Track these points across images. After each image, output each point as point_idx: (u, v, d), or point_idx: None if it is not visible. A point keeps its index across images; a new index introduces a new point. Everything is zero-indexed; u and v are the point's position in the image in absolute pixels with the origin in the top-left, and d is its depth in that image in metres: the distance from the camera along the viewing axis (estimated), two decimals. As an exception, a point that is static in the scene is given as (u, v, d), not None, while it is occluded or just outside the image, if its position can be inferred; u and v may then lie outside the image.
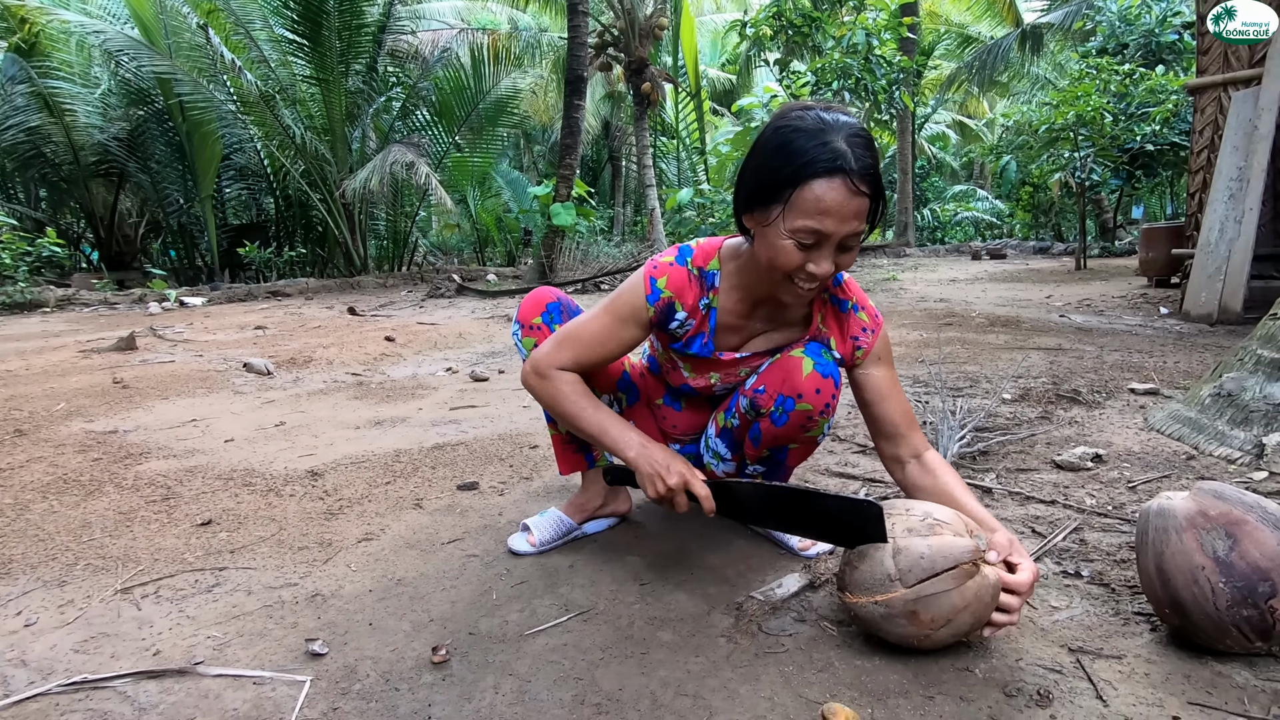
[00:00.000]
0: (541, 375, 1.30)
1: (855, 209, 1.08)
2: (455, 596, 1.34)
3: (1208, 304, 4.53)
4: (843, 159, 1.06)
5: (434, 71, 10.84)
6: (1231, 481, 1.70)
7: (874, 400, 1.30)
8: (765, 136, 1.14)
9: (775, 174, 1.10)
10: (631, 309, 1.29)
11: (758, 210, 1.14)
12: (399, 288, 9.33)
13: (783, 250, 1.11)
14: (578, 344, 1.30)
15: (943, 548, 1.03)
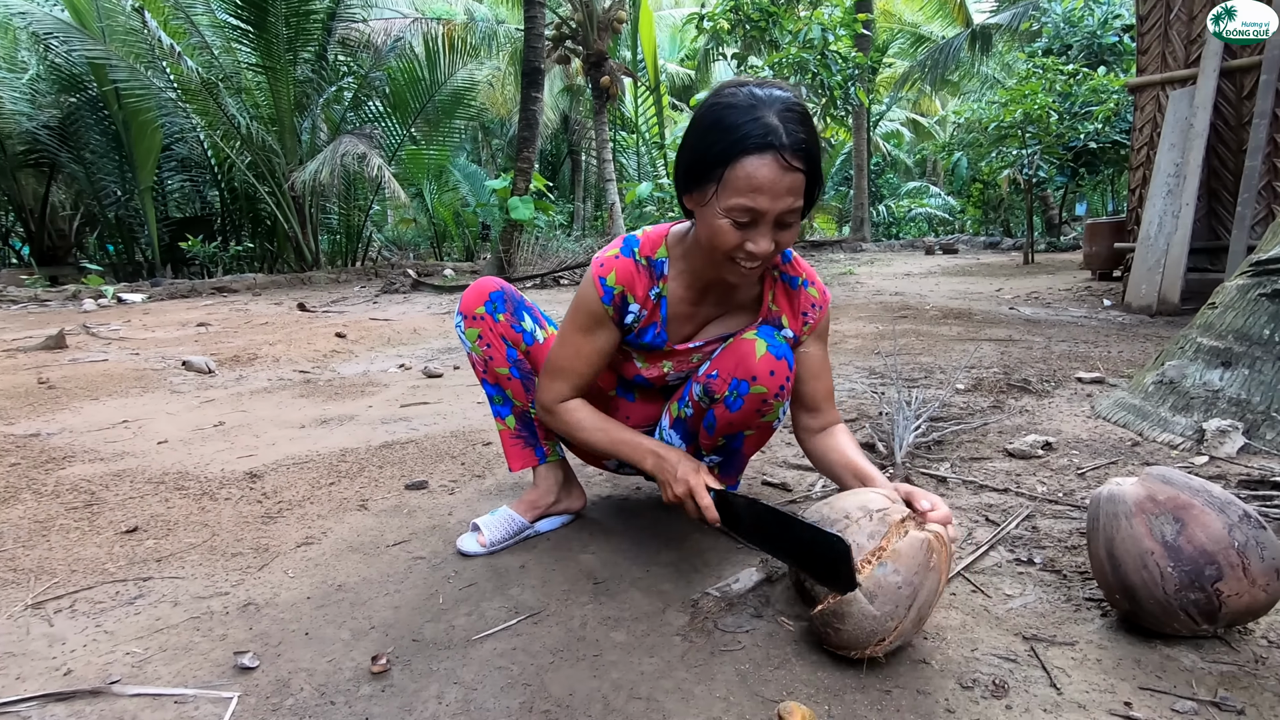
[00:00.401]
0: (548, 412, 1.34)
1: (789, 185, 1.06)
2: (399, 601, 1.27)
3: (1148, 295, 4.68)
4: (774, 134, 1.04)
5: (387, 61, 10.56)
6: (1175, 466, 1.74)
7: (806, 377, 1.33)
8: (699, 114, 1.12)
9: (707, 152, 1.08)
10: (592, 316, 1.28)
11: (695, 190, 1.14)
12: (352, 283, 9.08)
13: (720, 230, 1.10)
14: (563, 372, 1.31)
15: (909, 556, 0.99)
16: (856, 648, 1.01)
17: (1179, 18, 4.92)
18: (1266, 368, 1.90)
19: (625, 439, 1.28)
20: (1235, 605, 1.00)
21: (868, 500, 1.08)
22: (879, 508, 1.05)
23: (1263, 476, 1.58)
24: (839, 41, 6.64)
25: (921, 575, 0.99)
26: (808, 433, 1.36)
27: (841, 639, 1.02)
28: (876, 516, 1.04)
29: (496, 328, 1.43)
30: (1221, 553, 1.00)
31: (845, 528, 1.04)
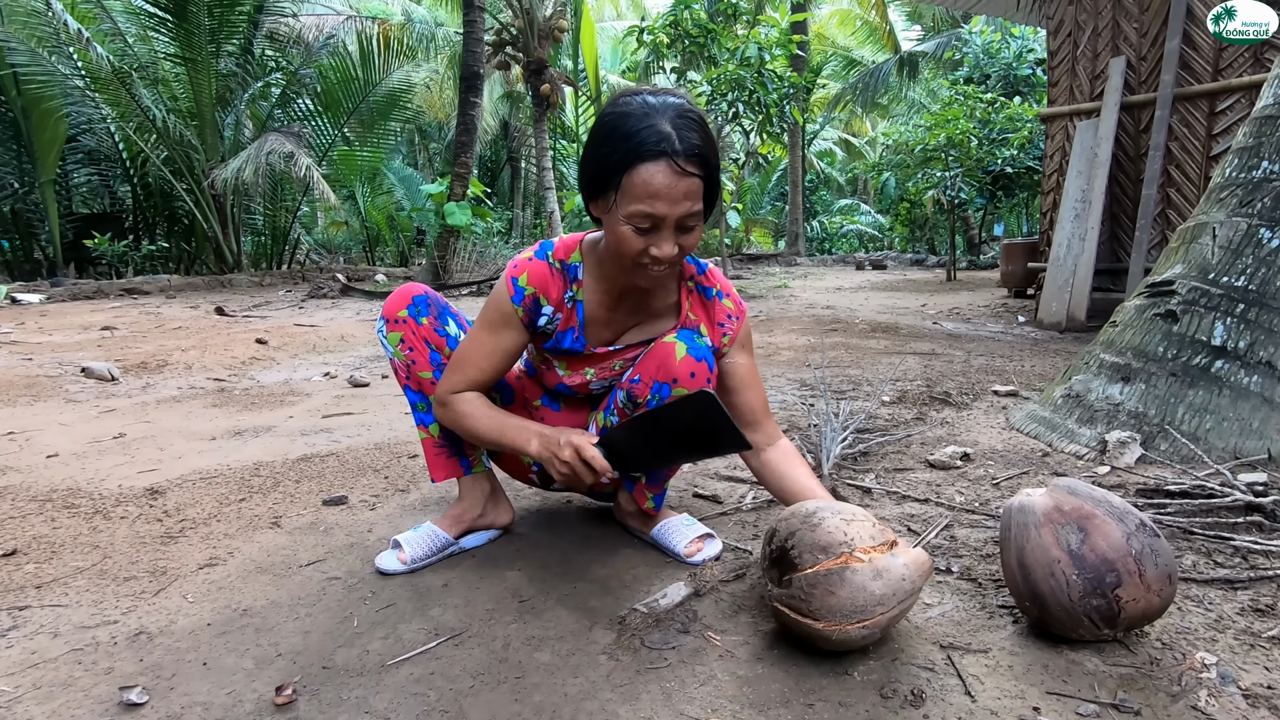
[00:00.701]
0: (441, 404, 1.32)
1: (685, 190, 1.09)
2: (310, 626, 1.20)
3: (1058, 313, 4.97)
4: (666, 141, 1.07)
5: (318, 58, 10.21)
6: (1080, 476, 1.83)
7: (737, 388, 1.34)
8: (596, 124, 1.15)
9: (605, 161, 1.11)
10: (501, 315, 1.28)
11: (598, 198, 1.16)
12: (277, 287, 8.70)
13: (623, 236, 1.13)
14: (465, 365, 1.30)
15: (917, 563, 1.06)
16: (835, 619, 1.01)
17: (1085, 54, 5.28)
18: (1160, 383, 2.03)
19: (511, 424, 1.25)
20: (1133, 610, 1.05)
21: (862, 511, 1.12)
22: (881, 518, 1.11)
23: (1157, 485, 1.68)
24: (775, 61, 6.81)
25: (919, 583, 1.05)
26: (753, 452, 1.35)
27: (827, 603, 1.01)
28: (878, 525, 1.08)
29: (420, 331, 1.39)
30: (1120, 560, 1.05)
31: (852, 519, 1.06)
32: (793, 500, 1.28)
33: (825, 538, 1.03)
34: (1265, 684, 1.00)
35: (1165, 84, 4.67)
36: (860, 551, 1.02)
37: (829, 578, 1.01)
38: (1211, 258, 2.09)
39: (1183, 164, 4.74)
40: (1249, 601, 1.21)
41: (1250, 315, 1.99)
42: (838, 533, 1.04)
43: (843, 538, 1.03)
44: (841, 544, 1.03)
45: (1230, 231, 2.08)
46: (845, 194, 19.94)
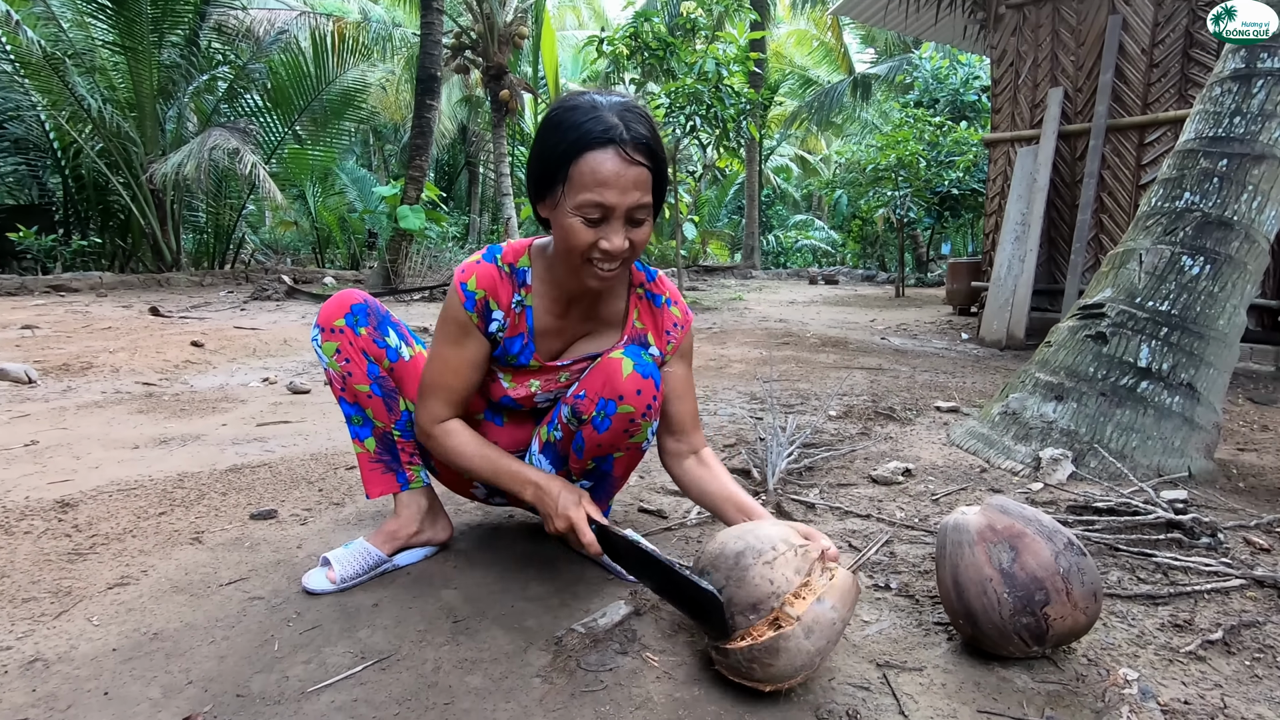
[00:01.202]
0: (428, 436, 1.29)
1: (634, 179, 1.09)
2: (226, 650, 1.13)
3: (999, 331, 5.14)
4: (614, 130, 1.07)
5: (269, 54, 9.92)
6: (1015, 492, 1.88)
7: (671, 398, 1.33)
8: (542, 121, 1.15)
9: (552, 152, 1.10)
10: (457, 324, 1.25)
11: (546, 195, 1.14)
12: (218, 287, 8.38)
13: (572, 230, 1.11)
14: (437, 389, 1.27)
15: (843, 593, 1.03)
16: (780, 681, 1.00)
17: (1025, 83, 5.50)
18: (1091, 402, 2.10)
19: (506, 468, 1.24)
20: (1060, 628, 1.08)
21: (789, 534, 1.07)
22: (800, 543, 1.05)
23: (1086, 502, 1.74)
24: (733, 77, 6.90)
25: (849, 612, 1.03)
26: (674, 458, 1.35)
27: (768, 674, 0.99)
28: (800, 552, 1.04)
29: (358, 341, 1.34)
30: (1049, 579, 1.07)
31: (774, 559, 1.02)
32: (713, 504, 1.29)
33: (753, 593, 1.00)
34: (1182, 699, 1.03)
35: (1099, 115, 4.90)
36: (790, 602, 0.99)
37: (764, 652, 0.98)
38: (1138, 283, 2.18)
39: (1114, 191, 4.98)
40: (1169, 617, 1.26)
41: (1173, 339, 2.08)
42: (764, 584, 1.00)
43: (770, 588, 1.00)
44: (770, 596, 0.99)
45: (1156, 258, 2.18)
46: (800, 209, 20.33)
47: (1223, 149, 2.16)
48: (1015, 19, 5.50)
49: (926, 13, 6.33)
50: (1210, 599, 1.31)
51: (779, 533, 1.08)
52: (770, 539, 1.06)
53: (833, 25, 15.81)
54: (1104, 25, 4.94)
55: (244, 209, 10.83)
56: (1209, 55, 4.46)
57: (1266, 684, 1.07)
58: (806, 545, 1.05)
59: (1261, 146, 2.11)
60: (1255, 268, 2.12)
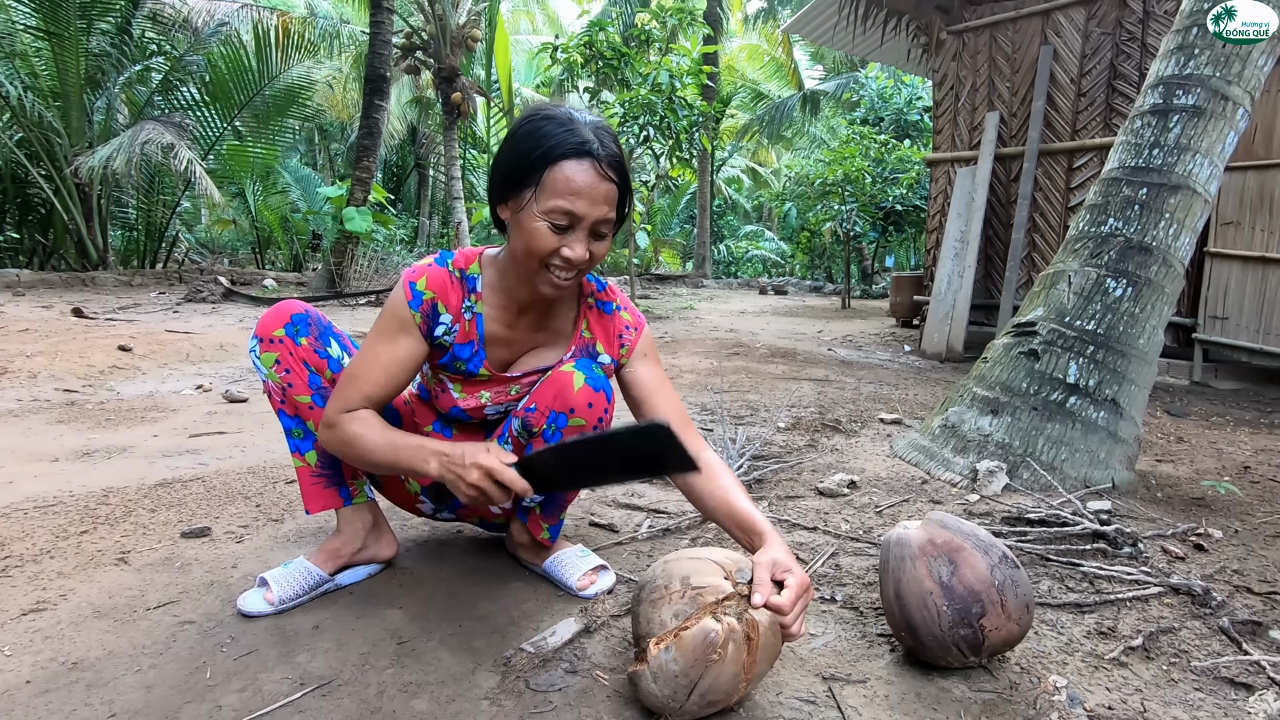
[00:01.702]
0: (330, 425, 1.20)
1: (605, 193, 1.12)
2: (154, 679, 1.08)
3: (939, 344, 5.33)
4: (590, 144, 1.11)
5: (208, 46, 9.53)
6: (953, 504, 1.95)
7: (644, 397, 1.30)
8: (517, 126, 1.16)
9: (526, 157, 1.11)
10: (397, 320, 1.22)
11: (510, 197, 1.15)
12: (149, 287, 7.99)
13: (537, 233, 1.12)
14: (357, 380, 1.21)
15: (689, 649, 0.95)
16: (654, 711, 1.01)
17: (965, 106, 5.74)
18: (1024, 416, 2.20)
19: (406, 443, 1.14)
20: (995, 638, 1.12)
21: (700, 568, 1.03)
22: (701, 584, 1.00)
23: (1019, 513, 1.81)
24: (686, 89, 6.98)
25: (700, 669, 0.95)
26: None
27: (636, 694, 1.02)
28: (690, 594, 1.00)
29: (298, 352, 1.29)
30: (985, 591, 1.12)
31: (659, 598, 1.02)
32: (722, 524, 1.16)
33: (637, 627, 1.05)
34: (1106, 704, 1.09)
35: (1032, 139, 5.15)
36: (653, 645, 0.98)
37: (629, 679, 1.01)
38: (1067, 303, 2.30)
39: (1045, 212, 5.23)
40: (1095, 624, 1.32)
41: (1099, 356, 2.19)
42: (643, 623, 1.03)
43: (645, 627, 1.02)
44: (643, 637, 1.02)
45: (1083, 280, 2.29)
46: (751, 220, 20.67)
47: (1143, 179, 2.30)
48: (956, 44, 5.74)
49: (873, 35, 6.55)
50: (1132, 606, 1.38)
51: (686, 569, 1.03)
52: (670, 576, 1.03)
53: (783, 42, 16.17)
54: (1036, 54, 5.20)
55: (178, 206, 10.36)
56: (1131, 87, 4.75)
57: (1182, 688, 1.14)
58: (705, 587, 0.99)
59: (1177, 178, 2.25)
60: (1171, 290, 2.26)
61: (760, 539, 1.07)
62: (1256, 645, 1.25)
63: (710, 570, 1.04)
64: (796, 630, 0.97)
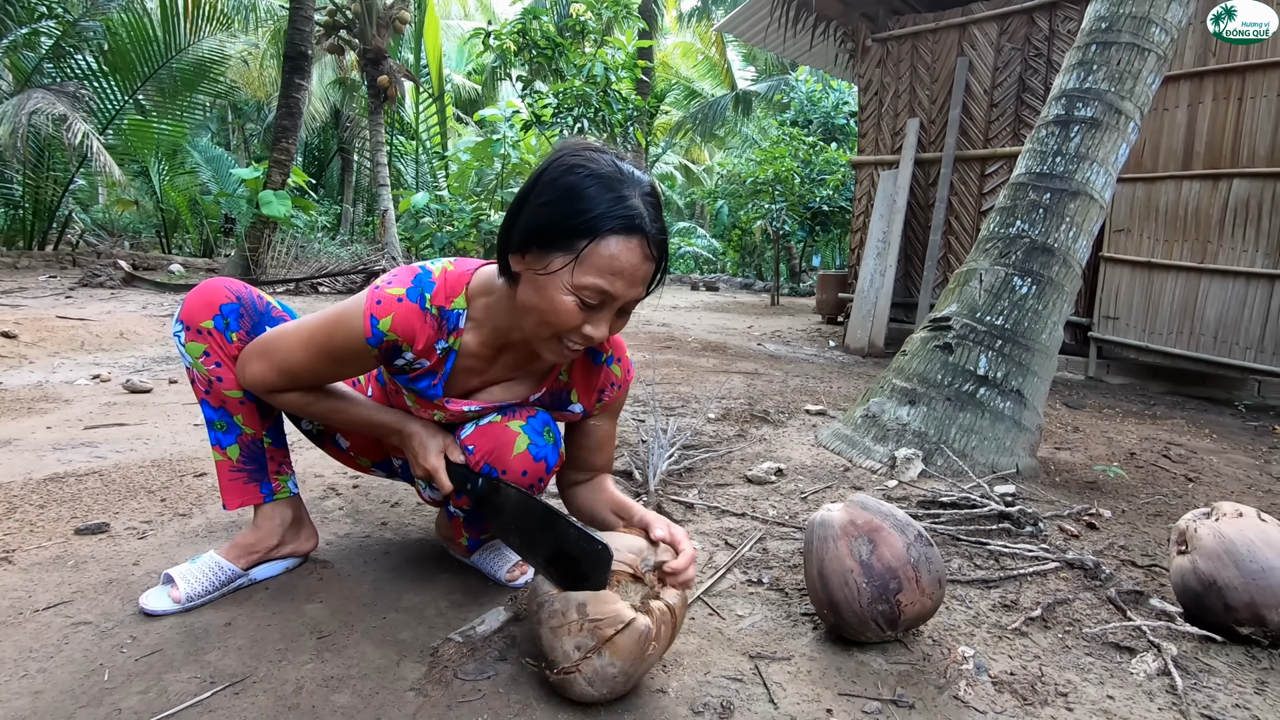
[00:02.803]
0: (267, 393, 1.19)
1: (645, 274, 1.01)
2: (43, 684, 1.00)
3: (862, 339, 5.54)
4: (640, 218, 0.97)
5: (106, 12, 8.84)
6: (873, 489, 2.04)
7: (590, 448, 1.28)
8: (555, 173, 0.99)
9: (566, 221, 0.96)
10: (349, 352, 1.10)
11: (535, 254, 0.99)
12: (37, 270, 7.36)
13: (562, 307, 0.98)
14: (290, 375, 1.15)
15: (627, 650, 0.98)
16: (583, 701, 1.01)
17: (888, 112, 5.98)
18: (939, 406, 2.32)
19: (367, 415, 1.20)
20: (910, 612, 1.18)
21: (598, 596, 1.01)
22: (599, 615, 0.99)
23: (933, 497, 1.91)
24: (621, 83, 6.98)
25: (637, 665, 0.99)
26: (570, 486, 1.31)
27: (570, 695, 1.02)
28: (589, 627, 0.99)
29: (229, 349, 1.20)
30: (901, 568, 1.17)
31: (559, 627, 1.00)
32: (590, 510, 1.26)
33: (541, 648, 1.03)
34: (1009, 671, 1.16)
35: (948, 146, 5.41)
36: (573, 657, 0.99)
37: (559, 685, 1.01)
38: (979, 299, 2.43)
39: (960, 215, 5.51)
40: (999, 598, 1.41)
41: (1006, 350, 2.33)
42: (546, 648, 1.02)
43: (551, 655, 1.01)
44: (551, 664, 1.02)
45: (993, 278, 2.43)
46: (684, 217, 20.87)
47: (1047, 184, 2.46)
48: (880, 52, 5.97)
49: (802, 38, 6.72)
50: (1032, 580, 1.48)
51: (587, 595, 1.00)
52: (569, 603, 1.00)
53: (717, 41, 16.39)
54: (954, 65, 5.47)
55: (72, 183, 9.58)
56: (1037, 100, 5.06)
57: (1075, 653, 1.23)
58: (600, 621, 0.98)
59: (1077, 184, 2.42)
60: (1071, 289, 2.43)
61: (627, 512, 1.19)
62: (1139, 612, 1.37)
63: (607, 597, 1.00)
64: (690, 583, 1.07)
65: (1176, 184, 4.33)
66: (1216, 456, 2.75)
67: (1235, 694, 1.12)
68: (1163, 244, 4.40)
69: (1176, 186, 4.34)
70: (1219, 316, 4.13)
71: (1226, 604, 1.24)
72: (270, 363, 1.15)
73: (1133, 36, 2.45)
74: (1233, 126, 4.10)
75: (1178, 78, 4.26)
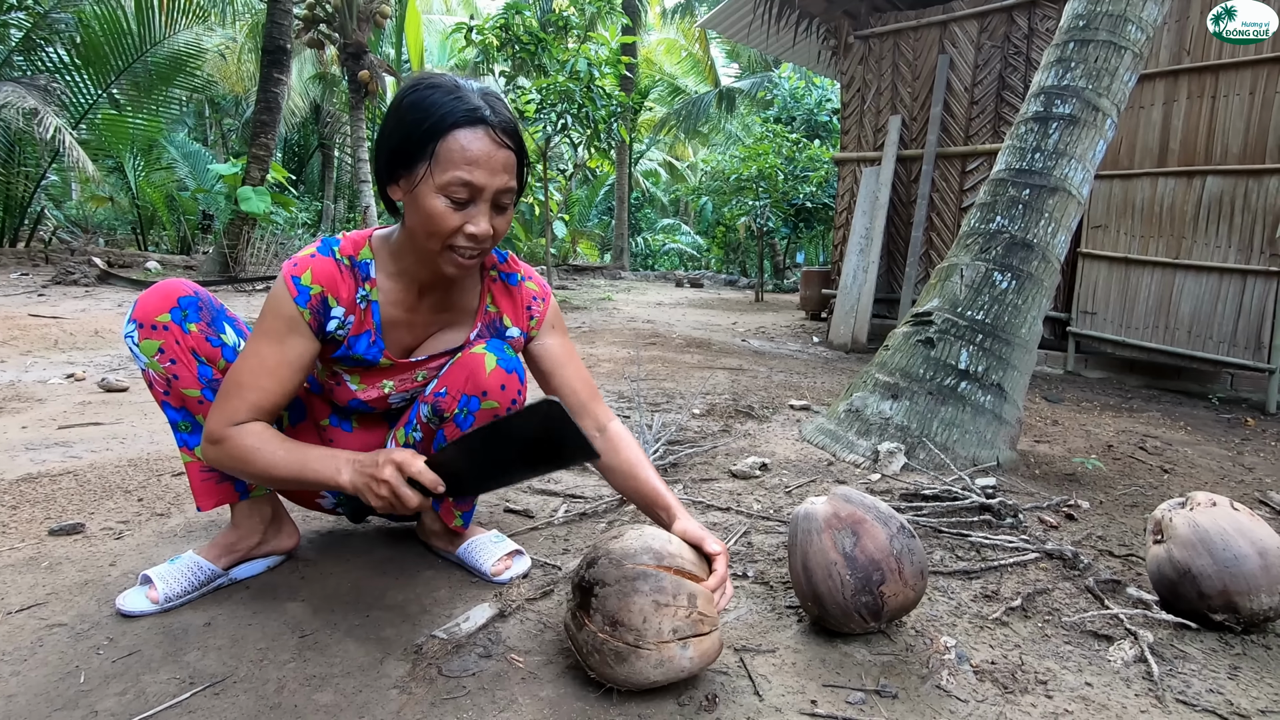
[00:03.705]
0: (217, 441, 1.08)
1: (503, 161, 1.07)
2: (17, 687, 0.98)
3: (845, 335, 5.58)
4: (481, 110, 1.05)
5: (78, 3, 8.66)
6: (856, 483, 2.05)
7: (552, 369, 1.30)
8: (401, 97, 1.09)
9: (415, 129, 1.05)
10: (283, 319, 1.11)
11: (402, 175, 1.08)
12: (8, 268, 7.21)
13: (436, 212, 1.05)
14: (242, 388, 1.09)
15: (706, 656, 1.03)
16: (618, 684, 1.02)
17: (870, 109, 6.01)
18: (921, 400, 2.34)
19: (314, 455, 1.06)
20: (893, 603, 1.19)
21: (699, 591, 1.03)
22: (705, 612, 1.02)
23: (916, 490, 1.93)
24: (604, 79, 6.96)
25: (697, 667, 1.03)
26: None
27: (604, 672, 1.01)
28: (695, 618, 1.01)
29: (186, 340, 1.18)
30: (885, 560, 1.18)
31: (666, 605, 1.00)
32: (640, 505, 1.22)
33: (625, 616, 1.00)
34: (990, 660, 1.18)
35: (930, 143, 5.46)
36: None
37: (611, 653, 0.99)
38: (960, 294, 2.45)
39: (942, 212, 5.56)
40: (980, 589, 1.43)
41: (986, 344, 2.36)
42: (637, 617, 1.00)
43: (641, 625, 0.99)
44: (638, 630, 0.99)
45: (974, 273, 2.46)
46: (668, 214, 20.88)
47: (1026, 180, 2.48)
48: (862, 49, 6.00)
49: (785, 35, 6.74)
50: (1012, 571, 1.50)
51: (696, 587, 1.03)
52: (680, 588, 1.01)
53: (700, 38, 16.39)
54: (935, 63, 5.51)
55: (44, 179, 9.39)
56: (1017, 97, 5.11)
57: (1054, 641, 1.25)
58: (704, 617, 1.02)
59: (1055, 180, 2.45)
60: (1050, 284, 2.46)
61: (669, 513, 1.15)
62: (1116, 601, 1.39)
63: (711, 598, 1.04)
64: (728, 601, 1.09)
65: (1152, 181, 4.40)
66: (1191, 448, 2.80)
67: (1209, 679, 1.14)
68: (1139, 240, 4.47)
69: (1152, 183, 4.41)
70: (1193, 311, 4.20)
71: (1201, 592, 1.26)
72: (223, 393, 1.09)
73: (1110, 34, 2.48)
74: (1206, 124, 4.17)
75: (1153, 76, 4.33)
